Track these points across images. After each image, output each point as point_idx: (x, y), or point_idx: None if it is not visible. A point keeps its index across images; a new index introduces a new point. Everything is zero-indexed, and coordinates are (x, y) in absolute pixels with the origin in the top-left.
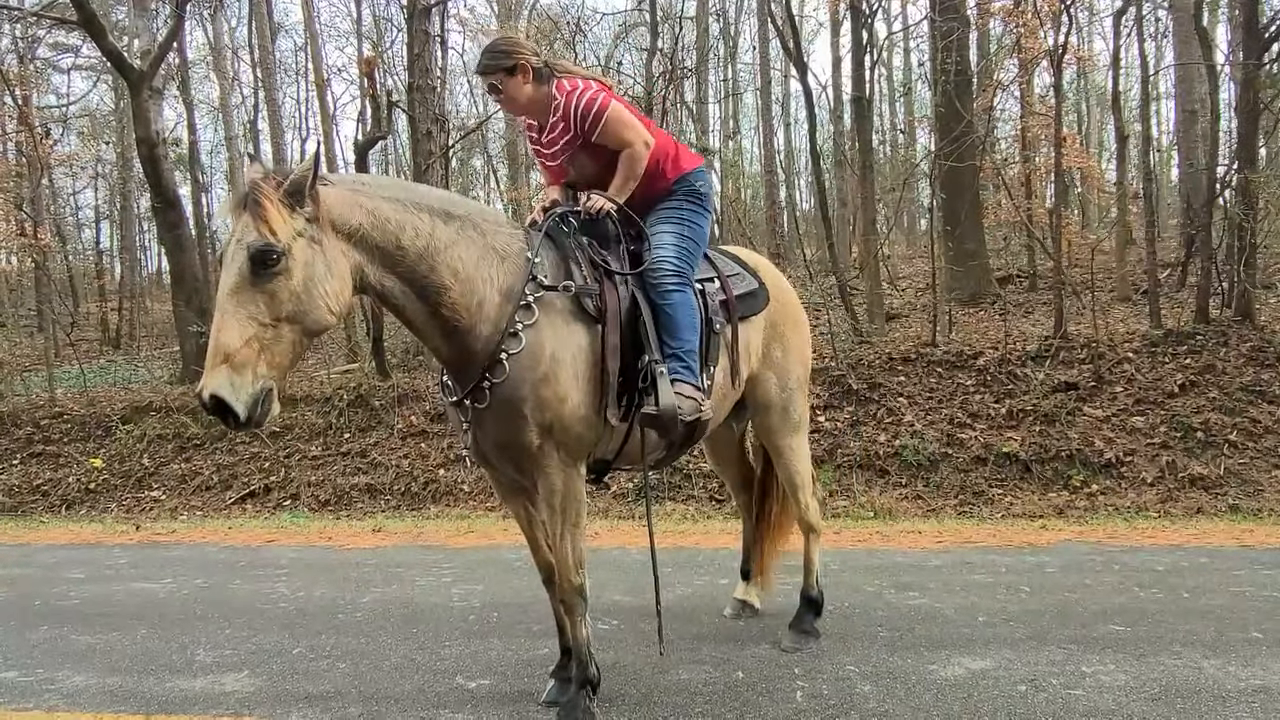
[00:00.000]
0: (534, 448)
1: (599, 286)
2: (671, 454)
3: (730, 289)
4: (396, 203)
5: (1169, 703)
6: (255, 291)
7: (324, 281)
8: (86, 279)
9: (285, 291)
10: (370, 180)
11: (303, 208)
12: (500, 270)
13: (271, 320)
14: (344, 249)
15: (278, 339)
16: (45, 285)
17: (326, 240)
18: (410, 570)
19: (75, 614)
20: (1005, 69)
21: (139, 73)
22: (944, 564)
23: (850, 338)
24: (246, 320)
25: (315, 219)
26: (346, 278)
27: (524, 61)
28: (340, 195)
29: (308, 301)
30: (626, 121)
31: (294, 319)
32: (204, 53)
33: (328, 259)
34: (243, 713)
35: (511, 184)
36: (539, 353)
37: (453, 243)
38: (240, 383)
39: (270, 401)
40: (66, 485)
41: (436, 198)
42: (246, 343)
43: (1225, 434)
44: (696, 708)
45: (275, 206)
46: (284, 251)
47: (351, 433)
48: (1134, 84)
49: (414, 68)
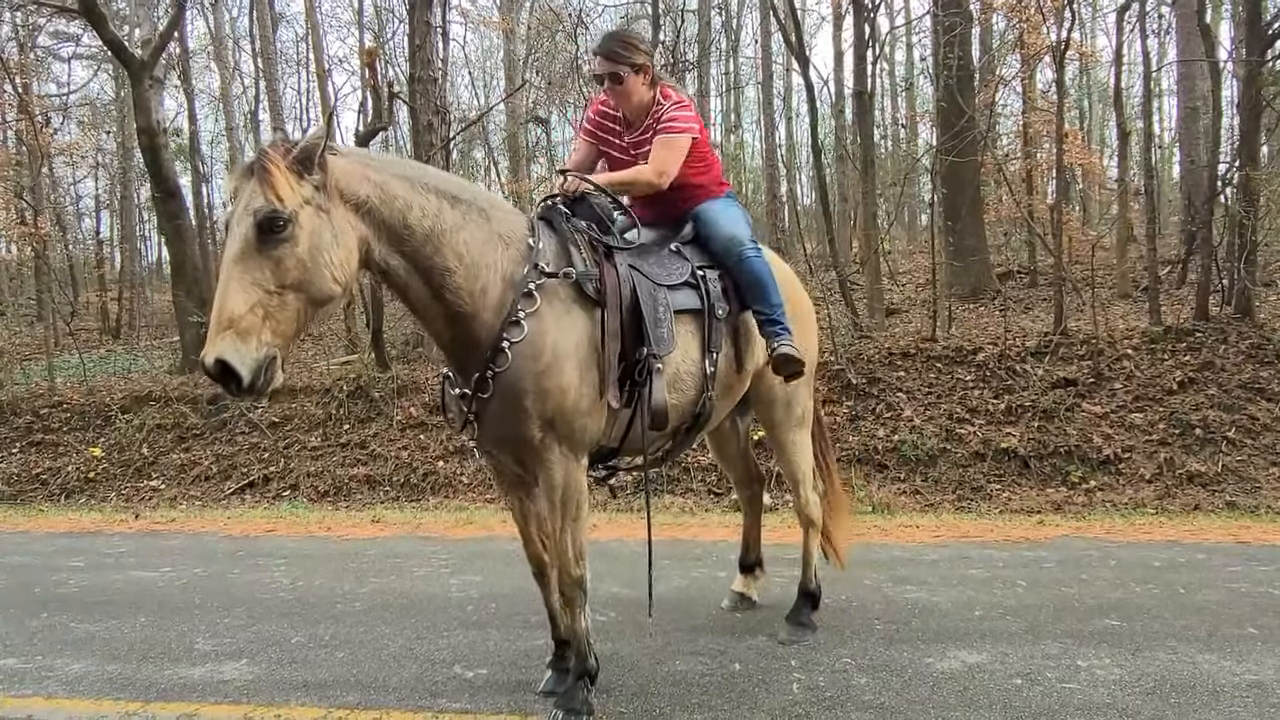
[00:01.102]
0: (535, 441)
1: (599, 270)
2: (676, 447)
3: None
4: (405, 180)
5: (1163, 697)
6: (261, 258)
7: (330, 250)
8: (86, 268)
9: (291, 258)
10: (381, 157)
11: (311, 175)
12: (504, 257)
13: (277, 287)
14: (352, 220)
15: (283, 306)
16: (45, 274)
17: (334, 209)
18: (409, 561)
19: (75, 602)
20: (1008, 64)
21: (140, 62)
22: (941, 558)
23: (850, 332)
24: (251, 286)
25: (323, 187)
26: (353, 248)
27: (647, 63)
28: (350, 166)
29: (313, 269)
30: (672, 153)
31: (300, 287)
32: (205, 42)
33: (335, 228)
34: (241, 700)
35: (512, 176)
36: (540, 343)
37: (459, 226)
38: (245, 349)
39: (274, 369)
40: (66, 474)
41: (444, 180)
42: (251, 309)
43: (1223, 431)
44: (693, 698)
45: (283, 173)
46: (290, 218)
47: (351, 424)
48: (1136, 80)
49: (415, 59)
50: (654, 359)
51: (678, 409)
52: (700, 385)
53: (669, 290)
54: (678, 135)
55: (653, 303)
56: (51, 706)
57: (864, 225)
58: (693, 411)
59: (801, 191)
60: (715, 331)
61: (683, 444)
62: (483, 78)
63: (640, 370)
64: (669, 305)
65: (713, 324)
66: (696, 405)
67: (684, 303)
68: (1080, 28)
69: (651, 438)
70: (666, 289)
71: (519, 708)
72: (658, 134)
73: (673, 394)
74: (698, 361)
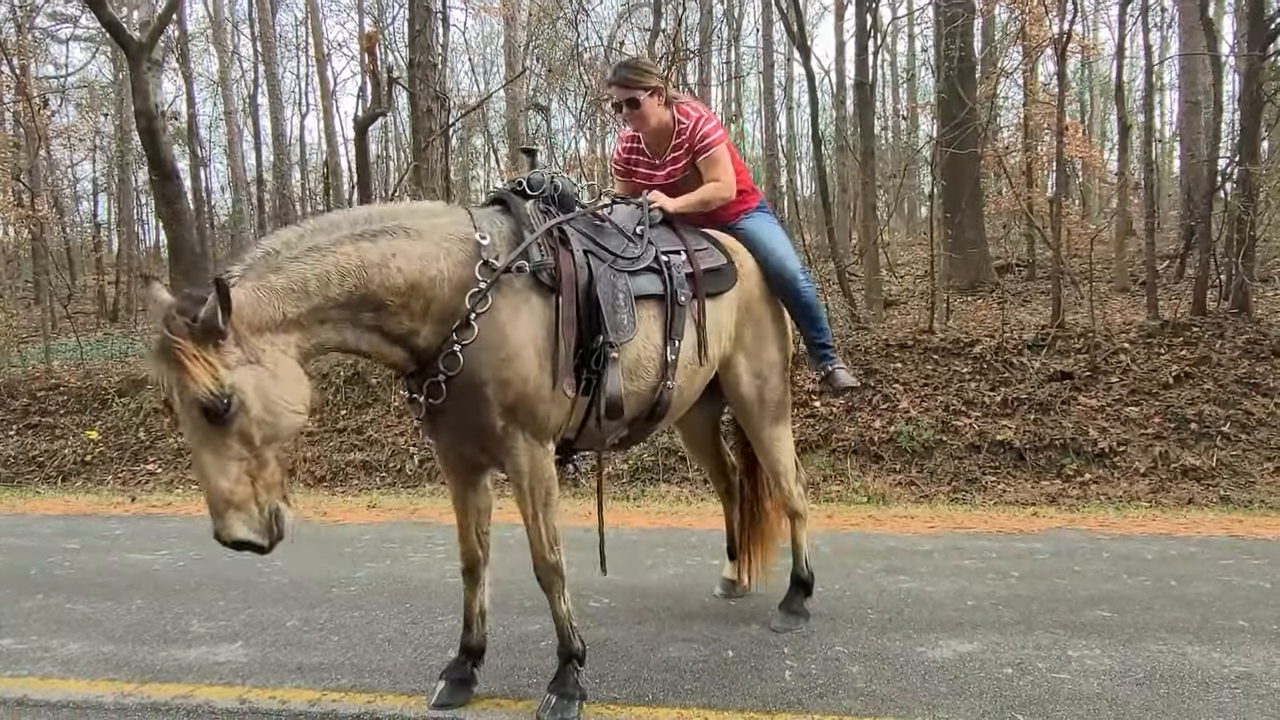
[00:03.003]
0: (498, 429)
1: (553, 257)
2: (633, 435)
3: (697, 263)
4: (313, 254)
5: (1153, 687)
6: (223, 436)
7: (281, 391)
8: (84, 251)
9: (250, 425)
10: (275, 244)
11: (225, 339)
12: (448, 263)
13: (250, 453)
14: (282, 343)
15: (263, 463)
16: (42, 257)
17: (263, 349)
18: (404, 546)
19: (70, 583)
20: (1009, 56)
21: (138, 44)
22: (935, 549)
23: (848, 324)
24: (228, 463)
25: (240, 339)
26: (298, 372)
27: (660, 85)
28: (248, 294)
29: (275, 419)
30: (725, 164)
31: (270, 440)
32: (204, 25)
33: (273, 366)
34: (236, 682)
35: (512, 163)
36: (498, 335)
37: (386, 260)
38: (250, 518)
39: (282, 516)
40: (63, 457)
41: (355, 220)
42: (238, 481)
43: (1219, 426)
44: (686, 685)
45: (199, 359)
46: (228, 394)
47: (348, 410)
48: (1138, 74)
49: (415, 44)
50: (610, 347)
51: (636, 396)
52: (660, 373)
53: (630, 276)
54: (718, 147)
55: (611, 289)
56: (47, 687)
57: (863, 216)
58: (651, 400)
59: (801, 182)
60: (678, 318)
61: (641, 432)
62: (483, 64)
63: (596, 358)
64: (629, 291)
65: (675, 310)
66: (655, 393)
67: (646, 287)
68: (1083, 20)
69: (610, 426)
70: (628, 274)
71: (512, 692)
72: (700, 154)
73: (632, 381)
74: (659, 348)
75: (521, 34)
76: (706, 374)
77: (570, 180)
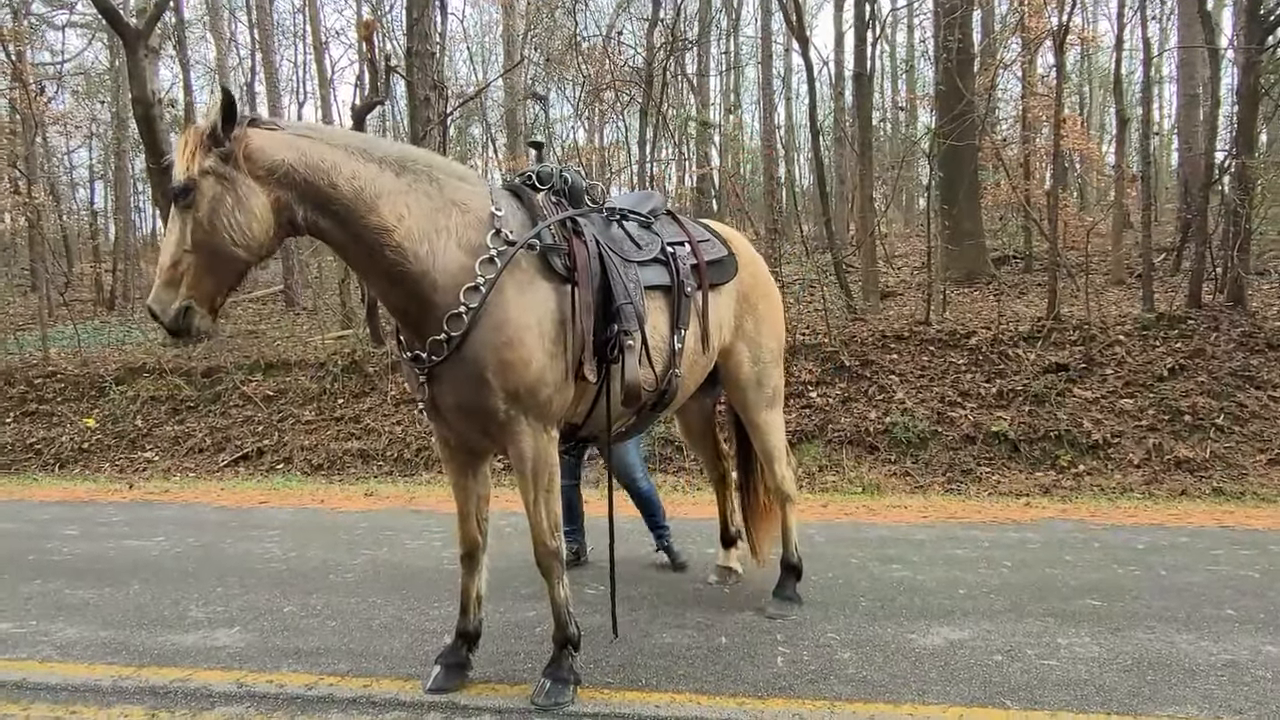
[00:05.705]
0: (501, 413)
1: (567, 245)
2: (639, 423)
3: (701, 254)
4: (343, 149)
5: (1140, 674)
6: (178, 220)
7: (230, 215)
8: (81, 239)
9: (193, 222)
10: (326, 130)
11: (220, 147)
12: (460, 222)
13: (188, 247)
14: (260, 187)
15: (193, 264)
16: (39, 244)
17: (239, 178)
18: (401, 534)
19: (69, 569)
20: (1008, 48)
21: (135, 31)
22: (928, 538)
23: (844, 314)
24: (174, 244)
25: (231, 157)
26: (258, 213)
27: None
28: (273, 137)
29: (212, 232)
30: None
31: (200, 247)
32: (201, 12)
33: (238, 194)
34: (233, 666)
35: (510, 153)
36: (501, 315)
37: (400, 191)
38: (166, 299)
39: (191, 317)
40: (60, 444)
41: (396, 151)
42: (174, 264)
43: (1212, 418)
44: (679, 670)
45: (188, 148)
46: (190, 186)
47: (345, 398)
48: (1137, 67)
49: (413, 33)
50: (625, 335)
51: (647, 384)
52: (667, 361)
53: (639, 266)
54: None
55: (623, 279)
56: (46, 670)
57: (861, 207)
58: (659, 388)
59: (800, 173)
60: (684, 308)
61: (646, 420)
62: (481, 53)
63: (612, 347)
64: (639, 281)
65: (682, 301)
66: (663, 382)
67: (653, 279)
68: (1082, 12)
69: (621, 413)
70: (637, 264)
71: (507, 677)
72: None
73: (641, 369)
74: (666, 338)
75: (520, 23)
76: (707, 364)
77: (580, 174)
